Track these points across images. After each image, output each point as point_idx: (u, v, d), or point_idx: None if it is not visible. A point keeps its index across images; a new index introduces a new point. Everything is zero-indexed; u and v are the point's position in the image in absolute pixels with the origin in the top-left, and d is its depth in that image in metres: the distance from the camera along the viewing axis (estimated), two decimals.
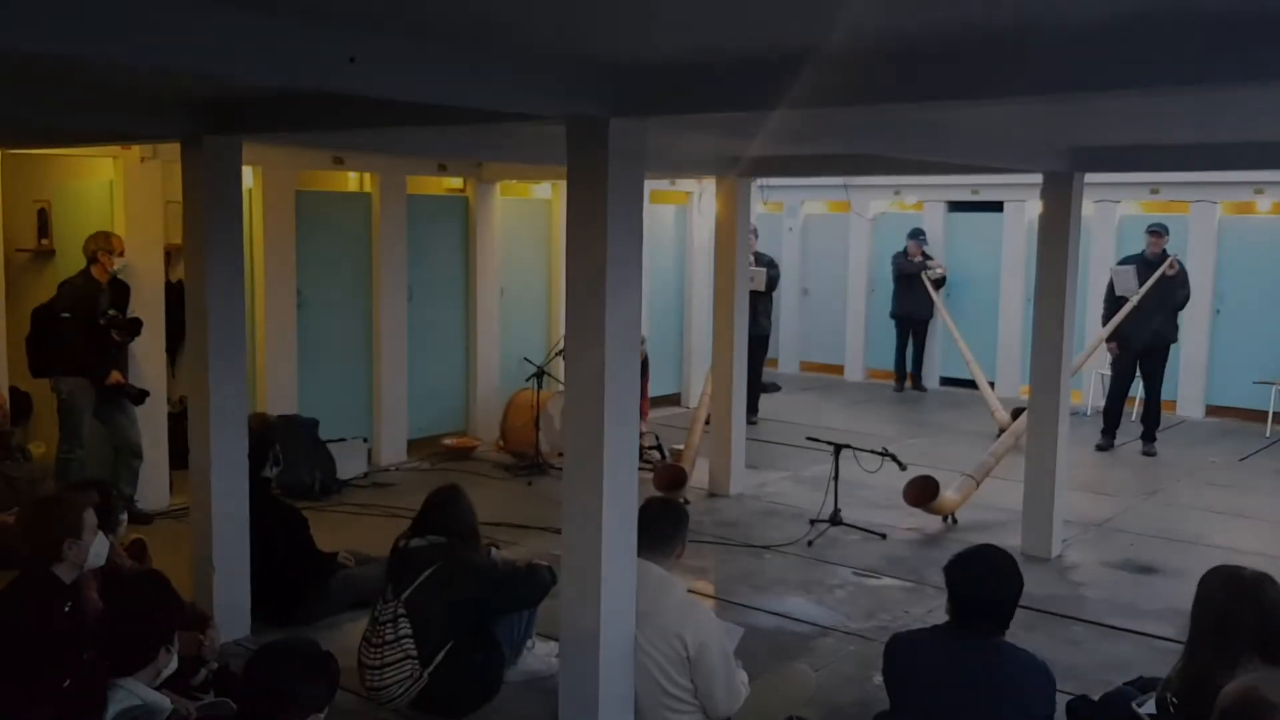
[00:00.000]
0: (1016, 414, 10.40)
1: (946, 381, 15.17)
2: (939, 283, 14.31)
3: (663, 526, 4.73)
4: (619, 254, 4.35)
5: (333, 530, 7.62)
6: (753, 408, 11.77)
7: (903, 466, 8.52)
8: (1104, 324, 11.22)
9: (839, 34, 3.45)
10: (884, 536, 8.21)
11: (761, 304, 11.58)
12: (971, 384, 13.15)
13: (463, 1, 3.20)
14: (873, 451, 8.59)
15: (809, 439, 9.24)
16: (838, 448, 8.44)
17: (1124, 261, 11.47)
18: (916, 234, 14.55)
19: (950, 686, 3.89)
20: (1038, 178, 7.85)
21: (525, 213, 11.64)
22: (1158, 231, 11.17)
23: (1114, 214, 13.67)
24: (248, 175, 8.82)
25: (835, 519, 8.31)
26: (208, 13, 3.19)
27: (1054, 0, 3.05)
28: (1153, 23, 3.17)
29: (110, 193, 8.47)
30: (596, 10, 3.33)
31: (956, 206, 15.30)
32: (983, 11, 3.19)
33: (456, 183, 10.98)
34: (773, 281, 12.13)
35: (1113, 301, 11.23)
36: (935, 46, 3.62)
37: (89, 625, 4.63)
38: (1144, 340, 11.08)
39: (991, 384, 12.92)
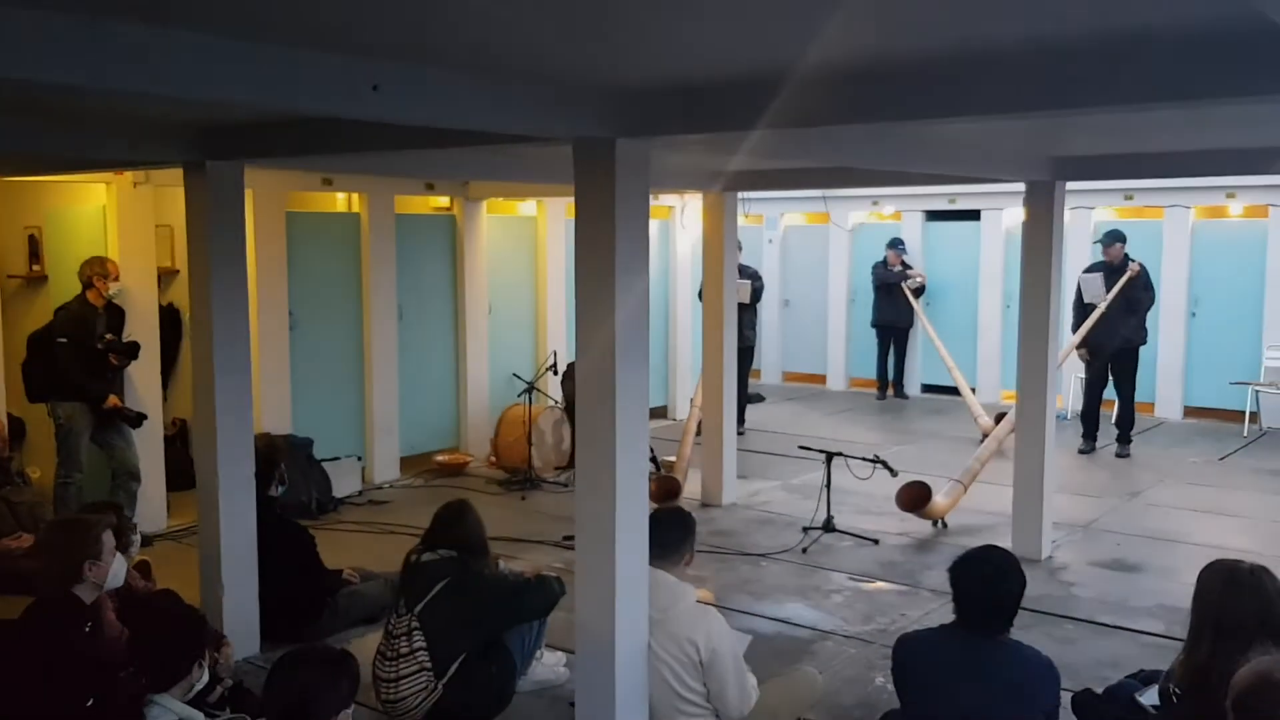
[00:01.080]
0: (999, 419, 10.56)
1: (928, 389, 15.34)
2: (918, 291, 14.49)
3: (671, 534, 4.84)
4: (627, 268, 4.47)
5: (331, 548, 7.65)
6: (740, 418, 11.89)
7: (894, 473, 8.65)
8: (1073, 331, 11.40)
9: (832, 55, 3.57)
10: (876, 542, 8.34)
11: (746, 316, 11.68)
12: (952, 390, 13.31)
13: (477, 33, 3.31)
14: (865, 459, 8.72)
15: (802, 447, 9.37)
16: (830, 456, 8.57)
17: (1090, 270, 11.65)
18: (895, 243, 14.73)
19: (958, 684, 4.00)
20: (1014, 186, 8.02)
21: (512, 230, 11.73)
22: (1107, 242, 11.36)
23: (1089, 220, 13.87)
24: None
25: (828, 526, 8.43)
26: (236, 44, 3.30)
27: (1031, 21, 3.17)
28: (1127, 42, 3.31)
29: (103, 218, 8.51)
30: (602, 38, 3.44)
31: (934, 216, 15.49)
32: (970, 34, 3.33)
33: (443, 202, 11.07)
34: (757, 293, 12.26)
35: (1081, 309, 11.40)
36: (922, 66, 3.75)
37: (109, 645, 4.71)
38: (1113, 345, 11.27)
39: (973, 389, 13.07)
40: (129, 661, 4.23)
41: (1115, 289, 11.07)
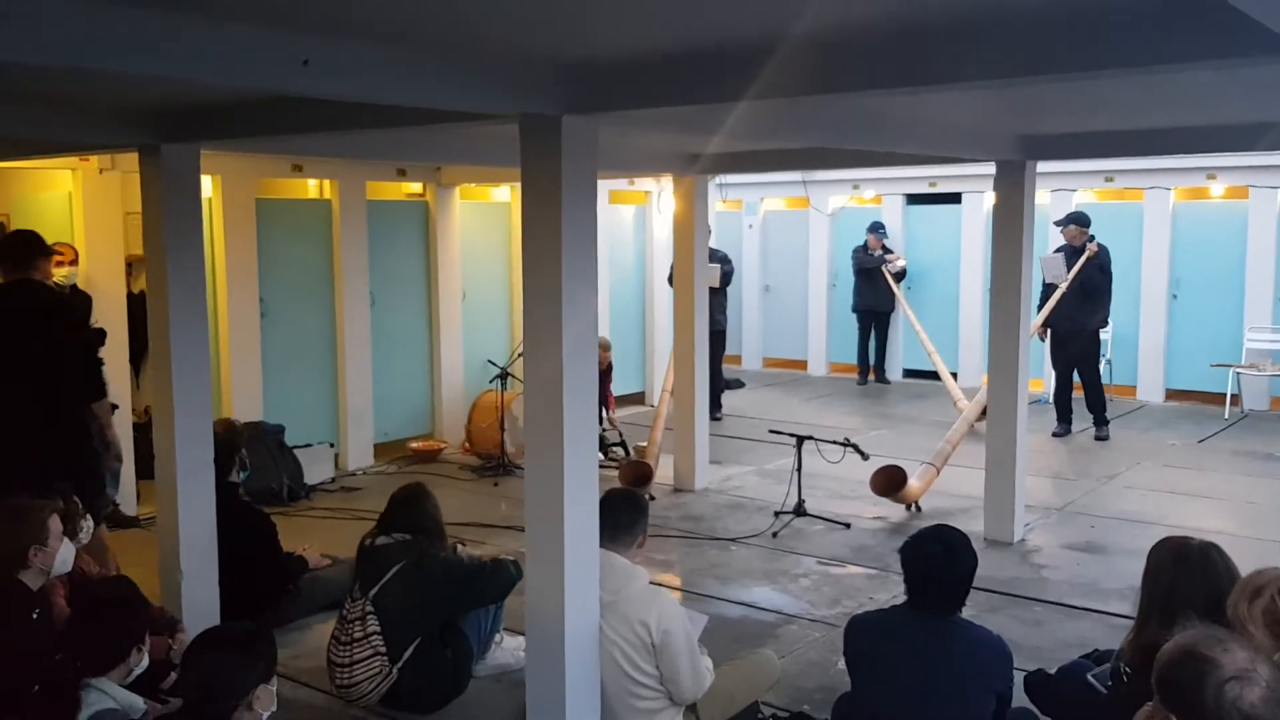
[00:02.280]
0: None
1: (909, 373, 15.31)
2: (899, 275, 14.44)
3: (623, 516, 4.75)
4: (574, 250, 4.39)
5: (301, 535, 7.65)
6: (715, 404, 11.86)
7: (865, 456, 8.61)
8: (1035, 312, 11.34)
9: (789, 25, 3.51)
10: (848, 526, 8.30)
11: (716, 300, 11.62)
12: (934, 375, 13.26)
13: (414, 3, 3.25)
14: (835, 443, 8.68)
15: (772, 431, 9.33)
16: (800, 439, 8.52)
17: (1056, 251, 11.60)
18: (876, 228, 14.68)
19: (909, 665, 3.97)
20: (995, 168, 7.94)
21: (485, 216, 11.68)
22: (1064, 224, 11.28)
23: (1070, 203, 13.82)
24: (207, 184, 8.85)
25: (799, 510, 8.39)
26: (162, 17, 3.23)
27: None
28: (1098, 7, 3.25)
29: (69, 205, 8.45)
30: (546, 10, 3.38)
31: (914, 199, 15.44)
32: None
33: (416, 188, 11.01)
34: (727, 277, 12.16)
35: (1043, 289, 11.36)
36: (885, 35, 3.68)
37: (57, 631, 4.66)
38: (1067, 328, 11.25)
39: (954, 374, 13.03)
40: (65, 644, 4.18)
41: (1074, 269, 11.02)
